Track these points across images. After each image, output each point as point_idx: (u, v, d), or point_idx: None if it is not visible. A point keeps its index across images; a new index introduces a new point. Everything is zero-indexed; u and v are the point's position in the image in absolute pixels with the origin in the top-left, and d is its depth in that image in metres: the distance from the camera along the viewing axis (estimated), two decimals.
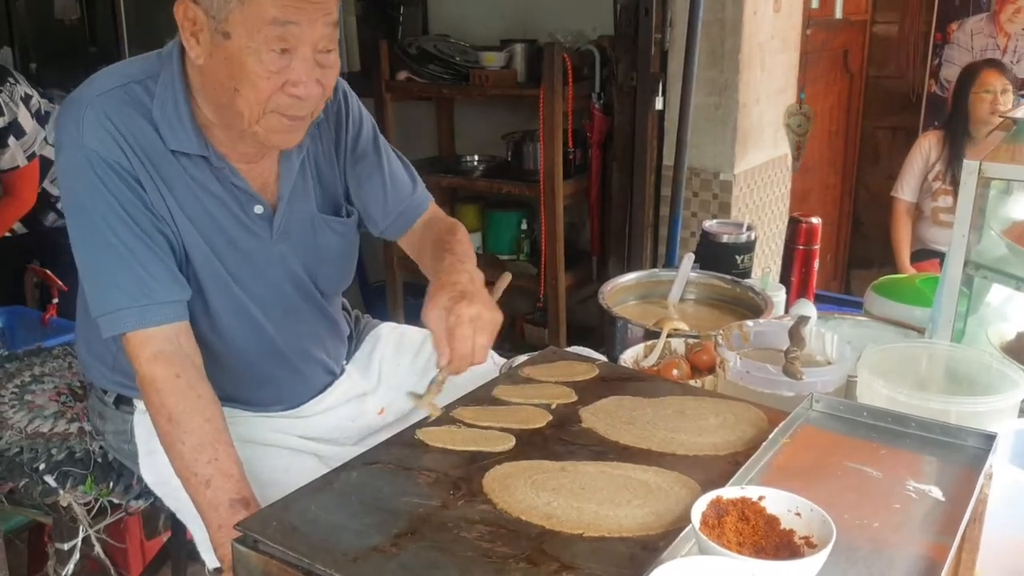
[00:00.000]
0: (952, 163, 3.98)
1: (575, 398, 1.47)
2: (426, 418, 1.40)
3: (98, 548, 1.74)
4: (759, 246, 3.71)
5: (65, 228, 1.50)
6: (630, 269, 2.97)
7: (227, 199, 1.57)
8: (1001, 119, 1.88)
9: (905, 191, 4.15)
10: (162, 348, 1.47)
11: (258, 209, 1.60)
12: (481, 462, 1.28)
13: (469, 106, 4.37)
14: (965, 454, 1.26)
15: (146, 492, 1.70)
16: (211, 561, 1.51)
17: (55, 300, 3.03)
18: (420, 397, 1.45)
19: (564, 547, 1.10)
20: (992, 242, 1.63)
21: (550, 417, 1.41)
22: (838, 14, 4.68)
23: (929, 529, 1.10)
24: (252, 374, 1.67)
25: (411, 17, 4.45)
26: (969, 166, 1.53)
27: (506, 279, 1.61)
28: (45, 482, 1.62)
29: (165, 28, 1.67)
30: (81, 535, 1.65)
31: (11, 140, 3.05)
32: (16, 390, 1.86)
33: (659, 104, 3.46)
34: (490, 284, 1.57)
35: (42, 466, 1.63)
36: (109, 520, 1.72)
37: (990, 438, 1.26)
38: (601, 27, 3.84)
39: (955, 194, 3.85)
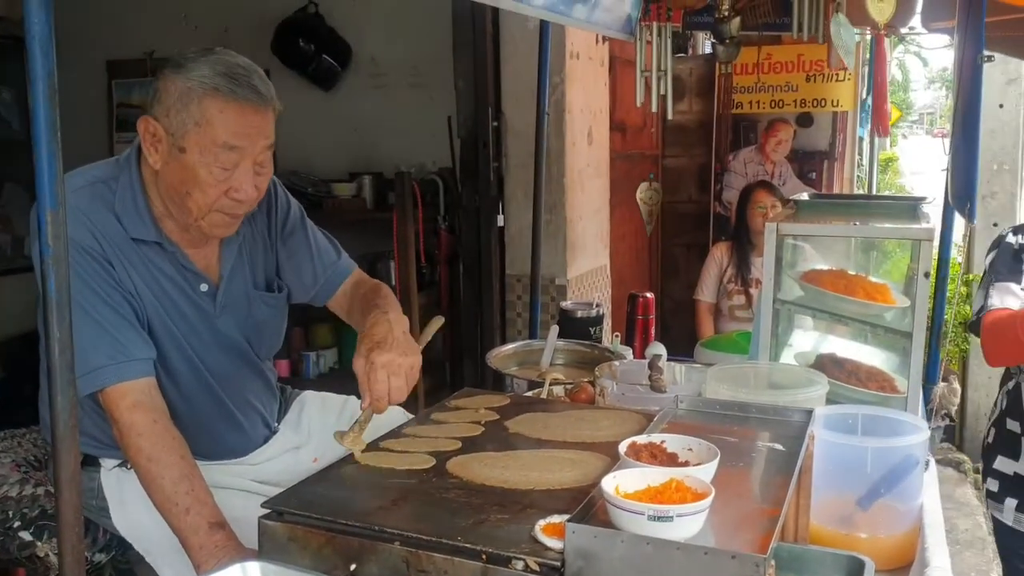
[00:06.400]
0: (740, 268, 4.68)
1: (498, 416, 1.83)
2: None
3: None
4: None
5: None
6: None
7: (178, 278, 1.85)
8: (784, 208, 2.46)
9: (705, 293, 4.81)
10: (139, 399, 1.71)
11: (203, 287, 1.89)
12: (439, 458, 1.61)
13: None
14: (793, 426, 1.71)
15: (107, 546, 1.87)
16: None
17: None
18: (344, 434, 1.65)
19: (522, 497, 1.45)
20: (790, 285, 2.15)
21: (483, 428, 1.76)
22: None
23: (776, 467, 1.52)
24: (205, 428, 1.91)
25: None
26: (770, 227, 2.06)
27: (436, 323, 1.96)
28: (21, 537, 1.77)
29: None
30: None
31: None
32: None
33: (500, 221, 3.97)
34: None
35: (17, 524, 1.79)
36: None
37: (809, 412, 1.72)
38: (440, 160, 4.35)
39: (746, 293, 4.60)
